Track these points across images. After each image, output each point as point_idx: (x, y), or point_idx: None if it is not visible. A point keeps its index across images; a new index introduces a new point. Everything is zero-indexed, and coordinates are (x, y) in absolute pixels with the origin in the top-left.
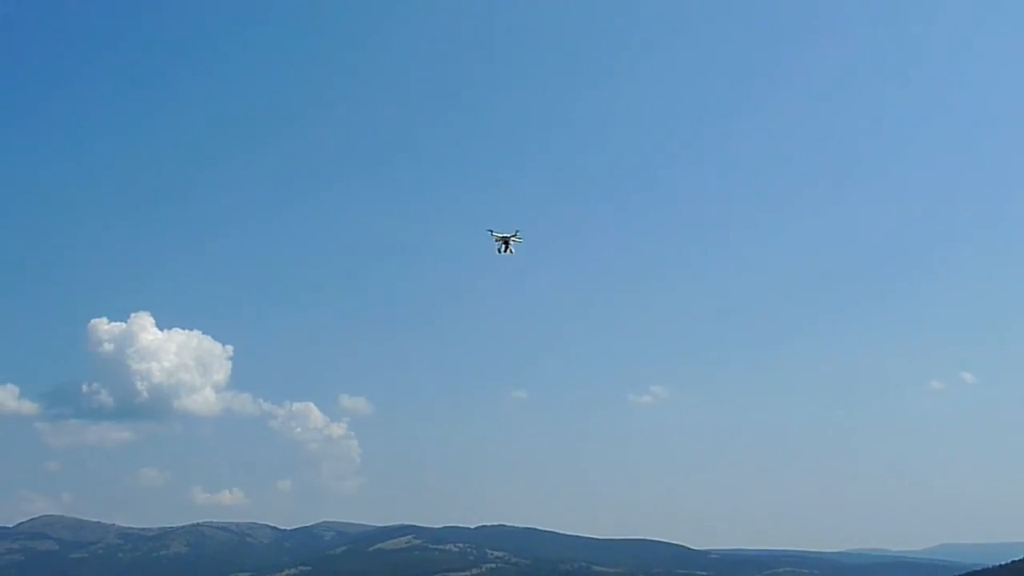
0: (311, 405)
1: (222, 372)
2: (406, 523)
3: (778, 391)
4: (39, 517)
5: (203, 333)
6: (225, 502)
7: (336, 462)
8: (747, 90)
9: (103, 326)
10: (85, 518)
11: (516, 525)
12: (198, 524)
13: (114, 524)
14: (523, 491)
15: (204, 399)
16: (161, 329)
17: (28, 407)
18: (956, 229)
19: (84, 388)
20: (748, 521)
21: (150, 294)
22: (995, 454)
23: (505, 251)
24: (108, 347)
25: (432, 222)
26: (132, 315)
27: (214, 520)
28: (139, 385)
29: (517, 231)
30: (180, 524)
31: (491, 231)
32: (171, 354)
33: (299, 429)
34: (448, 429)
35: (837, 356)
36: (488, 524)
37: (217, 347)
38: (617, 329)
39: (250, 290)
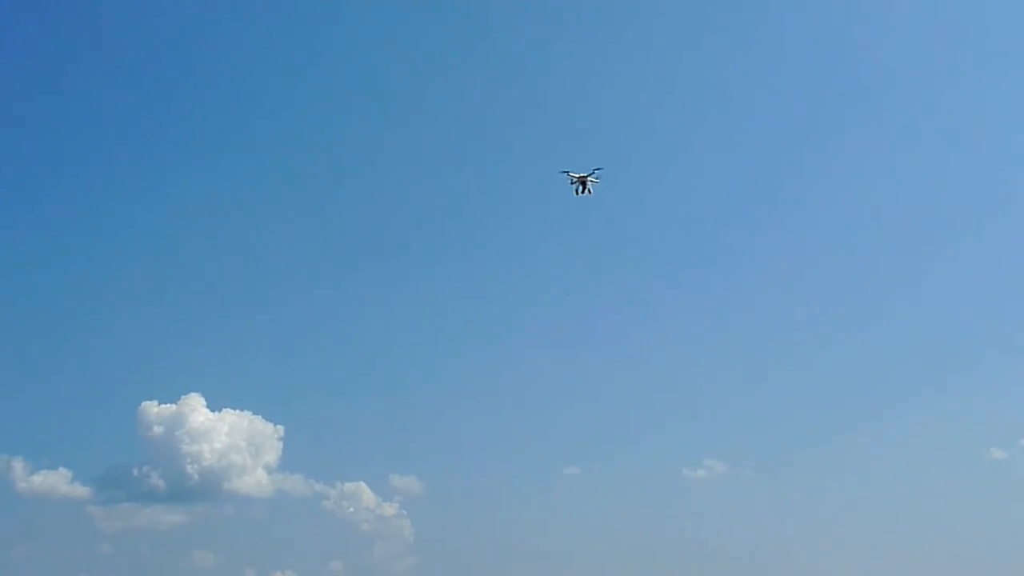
0: (362, 485)
1: (273, 453)
2: None
3: (836, 464)
4: None
5: (253, 414)
6: None
7: (389, 542)
8: (824, 160)
9: (153, 409)
10: None
11: None
12: None
13: None
14: (577, 568)
15: (256, 480)
16: (212, 410)
17: (80, 491)
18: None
19: (135, 471)
20: None
21: (201, 375)
22: None
23: (583, 192)
24: (158, 430)
25: (480, 299)
26: (183, 397)
27: None
28: (190, 468)
29: (596, 169)
30: None
31: (566, 172)
32: (222, 435)
33: (351, 509)
34: (500, 506)
35: (896, 430)
36: None
37: (268, 427)
38: (671, 402)
39: (301, 369)
